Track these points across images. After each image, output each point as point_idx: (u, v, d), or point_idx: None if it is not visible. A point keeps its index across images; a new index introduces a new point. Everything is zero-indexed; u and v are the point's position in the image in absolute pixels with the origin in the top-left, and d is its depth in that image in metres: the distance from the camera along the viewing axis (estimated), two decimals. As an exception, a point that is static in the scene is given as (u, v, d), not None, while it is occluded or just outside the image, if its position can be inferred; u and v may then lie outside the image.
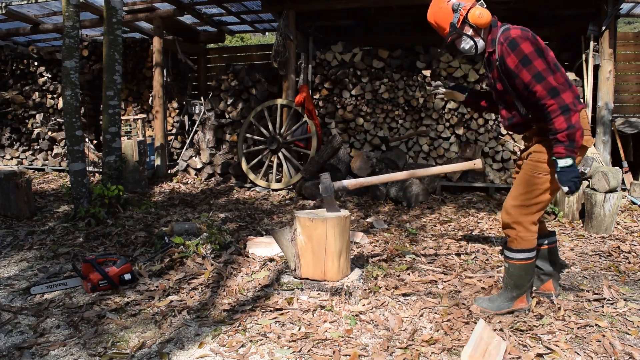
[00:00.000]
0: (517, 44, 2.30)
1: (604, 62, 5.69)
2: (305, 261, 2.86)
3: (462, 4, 2.47)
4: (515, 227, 2.49)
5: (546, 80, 2.25)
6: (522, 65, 2.30)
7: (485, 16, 2.43)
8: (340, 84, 6.64)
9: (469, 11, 2.46)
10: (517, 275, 2.52)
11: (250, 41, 17.94)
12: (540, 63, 2.27)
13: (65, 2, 4.47)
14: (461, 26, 2.50)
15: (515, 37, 2.31)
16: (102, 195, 4.59)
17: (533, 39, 2.31)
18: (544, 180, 2.43)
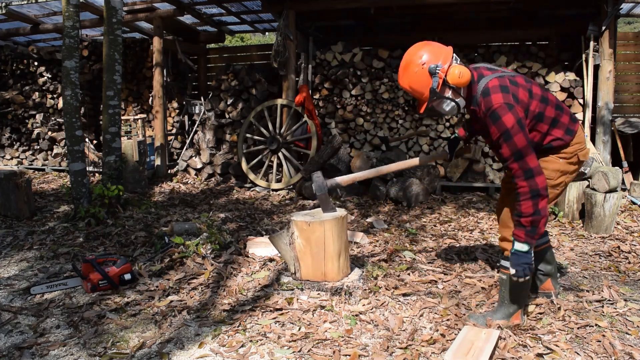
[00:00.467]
0: (498, 116, 2.18)
1: (604, 62, 5.69)
2: (305, 264, 2.86)
3: (439, 65, 2.28)
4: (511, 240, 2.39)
5: (524, 160, 2.16)
6: (503, 140, 2.20)
7: (465, 75, 2.26)
8: (340, 84, 6.64)
9: (447, 72, 2.28)
10: (514, 289, 2.42)
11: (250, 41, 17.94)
12: (520, 138, 2.16)
13: (65, 2, 4.47)
14: (441, 89, 2.32)
15: (497, 107, 2.18)
16: (102, 195, 4.59)
17: (513, 101, 2.18)
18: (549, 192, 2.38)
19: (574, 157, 2.38)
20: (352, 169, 5.95)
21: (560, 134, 2.32)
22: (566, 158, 2.37)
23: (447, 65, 2.29)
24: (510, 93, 2.21)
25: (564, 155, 2.37)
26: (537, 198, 2.16)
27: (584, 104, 5.76)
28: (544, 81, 5.94)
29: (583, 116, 5.77)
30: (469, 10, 6.38)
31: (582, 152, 2.41)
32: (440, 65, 2.28)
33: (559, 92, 5.88)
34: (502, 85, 2.23)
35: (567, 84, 5.83)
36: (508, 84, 2.24)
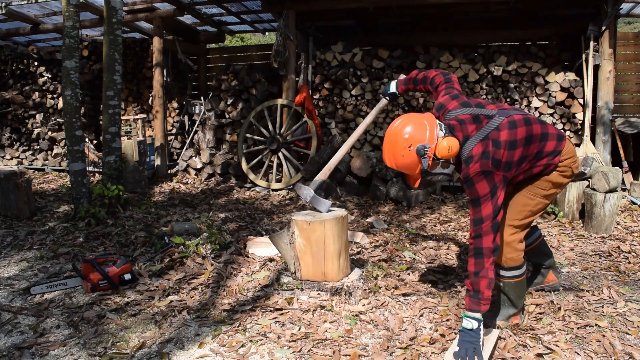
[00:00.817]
0: (473, 183, 2.19)
1: (604, 62, 5.69)
2: (305, 263, 2.86)
3: (427, 145, 2.20)
4: (503, 248, 2.41)
5: (480, 225, 2.18)
6: (472, 205, 2.23)
7: (454, 146, 2.20)
8: (340, 84, 6.64)
9: (436, 149, 2.21)
10: (513, 292, 2.46)
11: (250, 41, 17.94)
12: (487, 207, 2.17)
13: (65, 2, 4.47)
14: (432, 166, 2.27)
15: (473, 175, 2.18)
16: (102, 195, 4.59)
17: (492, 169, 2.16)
18: (538, 202, 2.40)
19: (568, 171, 2.38)
20: (352, 169, 5.96)
21: (546, 161, 2.30)
22: (561, 171, 2.37)
23: (435, 144, 2.22)
24: (489, 159, 2.17)
25: (559, 169, 2.36)
26: (480, 257, 2.17)
27: (584, 104, 5.76)
28: (544, 81, 5.95)
29: (583, 116, 5.77)
30: (469, 10, 6.38)
31: (574, 164, 2.40)
32: (427, 145, 2.20)
33: (559, 92, 5.89)
34: (485, 151, 2.18)
35: (567, 84, 5.83)
36: (490, 149, 2.18)
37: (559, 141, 2.32)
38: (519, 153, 2.23)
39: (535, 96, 6.05)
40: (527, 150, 2.26)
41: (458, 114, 2.33)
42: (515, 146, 2.22)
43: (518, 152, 2.23)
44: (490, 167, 2.16)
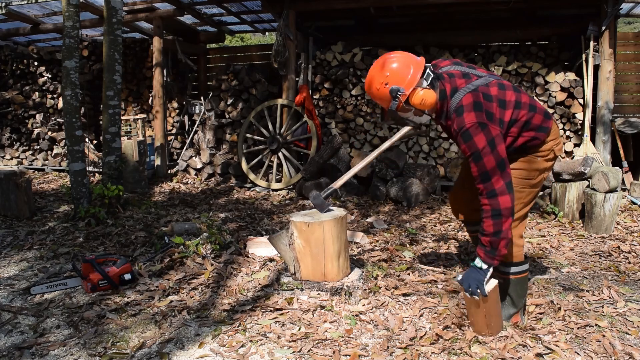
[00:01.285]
0: (470, 136, 2.15)
1: (604, 62, 5.69)
2: (305, 264, 2.85)
3: (402, 89, 2.23)
4: None
5: (490, 181, 2.14)
6: (472, 159, 2.17)
7: (429, 98, 2.24)
8: (340, 84, 6.64)
9: (410, 96, 2.26)
10: (515, 290, 2.45)
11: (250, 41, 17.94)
12: (490, 160, 2.13)
13: (65, 2, 4.47)
14: (402, 109, 2.33)
15: (469, 127, 2.14)
16: (102, 195, 4.59)
17: (485, 118, 2.14)
18: (528, 192, 2.40)
19: (550, 154, 2.38)
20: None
21: (533, 134, 2.30)
22: (544, 156, 2.38)
23: (410, 91, 2.24)
24: (483, 111, 2.16)
25: (541, 154, 2.37)
26: (498, 218, 2.14)
27: (584, 104, 5.76)
28: (544, 81, 5.95)
29: (583, 116, 5.77)
30: (469, 10, 6.38)
31: (557, 147, 2.40)
32: (402, 90, 2.24)
33: (559, 92, 5.89)
34: (476, 102, 2.17)
35: (567, 84, 5.83)
36: (482, 100, 2.18)
37: (546, 118, 2.32)
38: (509, 114, 2.24)
39: (535, 96, 6.05)
40: (517, 114, 2.25)
41: (449, 69, 2.35)
42: (505, 106, 2.23)
43: (509, 113, 2.23)
44: (486, 120, 2.14)
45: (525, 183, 2.39)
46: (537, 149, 2.35)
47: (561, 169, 4.63)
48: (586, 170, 4.45)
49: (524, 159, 2.38)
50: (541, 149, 2.36)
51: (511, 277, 2.44)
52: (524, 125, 2.28)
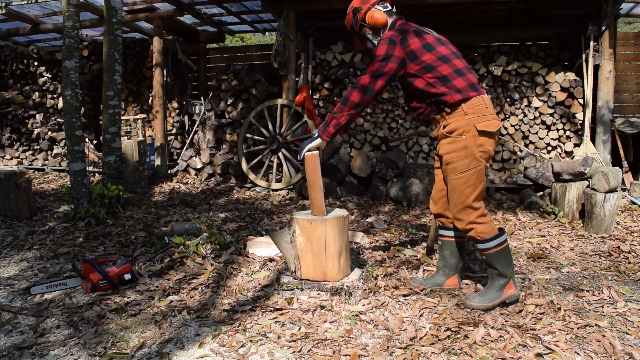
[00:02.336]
0: (378, 44, 2.60)
1: (604, 62, 5.69)
2: (305, 262, 2.86)
3: (360, 7, 2.70)
4: (472, 227, 2.57)
5: (365, 75, 2.58)
6: (371, 59, 2.60)
7: (380, 17, 2.66)
8: (340, 84, 6.64)
9: (365, 14, 2.68)
10: (498, 262, 2.59)
11: (250, 41, 17.94)
12: (374, 65, 2.55)
13: (65, 2, 4.47)
14: (360, 28, 2.74)
15: (383, 38, 2.58)
16: (102, 195, 4.59)
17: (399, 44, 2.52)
18: (468, 176, 2.52)
19: (472, 129, 2.49)
20: (352, 168, 5.96)
21: (446, 89, 2.51)
22: (467, 131, 2.50)
23: (367, 8, 2.68)
24: (401, 35, 2.54)
25: (461, 131, 2.51)
26: (344, 104, 2.62)
27: (584, 104, 5.76)
28: (544, 81, 5.95)
29: (583, 116, 5.77)
30: (469, 10, 6.38)
31: (480, 123, 2.49)
32: (360, 7, 2.71)
33: (559, 92, 5.89)
34: (402, 30, 2.57)
35: (567, 84, 5.83)
36: (406, 29, 2.57)
37: (472, 89, 2.51)
38: (429, 58, 2.52)
39: (535, 96, 6.05)
40: (438, 64, 2.52)
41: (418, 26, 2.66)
42: (429, 50, 2.53)
43: (429, 57, 2.52)
44: (396, 40, 2.53)
45: (459, 168, 2.53)
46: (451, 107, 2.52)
47: (561, 169, 4.63)
48: (586, 170, 4.45)
49: (447, 142, 2.55)
50: (459, 126, 2.51)
51: (492, 252, 2.58)
52: (441, 79, 2.51)
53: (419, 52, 2.53)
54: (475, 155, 2.50)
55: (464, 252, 2.94)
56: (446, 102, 2.52)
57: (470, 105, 2.49)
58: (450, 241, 2.88)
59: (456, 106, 2.51)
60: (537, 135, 6.11)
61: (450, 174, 2.58)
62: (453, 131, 2.53)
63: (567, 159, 5.93)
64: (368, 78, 2.56)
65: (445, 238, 2.90)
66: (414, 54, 2.53)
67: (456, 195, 2.57)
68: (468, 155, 2.50)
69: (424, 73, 2.53)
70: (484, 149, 2.52)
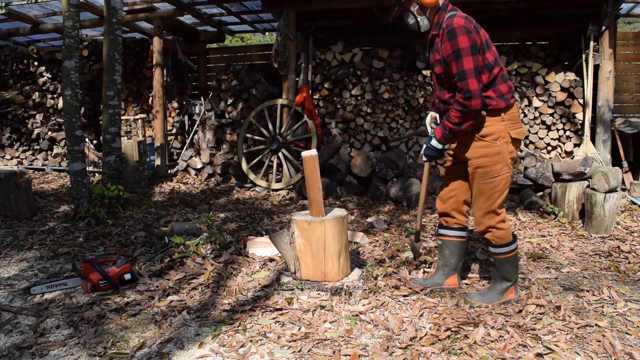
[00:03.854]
0: (455, 35, 2.38)
1: (604, 62, 5.69)
2: (305, 263, 2.86)
3: None
4: (490, 231, 2.61)
5: (467, 81, 2.37)
6: (453, 58, 2.40)
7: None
8: (340, 84, 6.64)
9: None
10: (504, 268, 2.65)
11: (250, 41, 17.94)
12: (469, 61, 2.37)
13: (66, 2, 4.47)
14: (407, 2, 2.56)
15: (457, 27, 2.38)
16: (102, 195, 4.59)
17: (474, 33, 2.39)
18: (498, 181, 2.53)
19: (507, 136, 2.51)
20: (352, 168, 5.95)
21: (494, 95, 2.47)
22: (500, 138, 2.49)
23: None
24: (473, 24, 2.42)
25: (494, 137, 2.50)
26: (465, 114, 2.41)
27: (584, 104, 5.76)
28: (544, 81, 5.95)
29: (583, 116, 5.77)
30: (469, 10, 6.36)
31: (513, 130, 2.53)
32: None
33: (559, 92, 5.89)
34: (468, 18, 2.44)
35: (567, 84, 5.83)
36: (474, 22, 2.45)
37: (512, 96, 2.51)
38: (490, 56, 2.46)
39: (535, 96, 6.05)
40: (493, 64, 2.46)
41: None
42: (489, 47, 2.47)
43: (489, 55, 2.46)
44: (472, 29, 2.39)
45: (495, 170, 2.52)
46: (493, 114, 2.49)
47: (561, 169, 4.63)
48: (586, 170, 4.45)
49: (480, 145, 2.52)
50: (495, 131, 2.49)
51: (502, 257, 2.62)
52: (492, 81, 2.47)
53: (486, 45, 2.46)
54: (507, 161, 2.52)
55: (463, 252, 2.94)
56: (488, 106, 2.47)
57: (508, 112, 2.50)
58: (450, 241, 2.88)
59: (497, 112, 2.49)
60: (537, 135, 6.11)
61: (479, 178, 2.56)
62: (487, 135, 2.50)
63: (567, 159, 5.93)
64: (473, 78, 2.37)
65: (445, 237, 2.90)
66: (483, 46, 2.44)
67: (483, 200, 2.57)
68: (500, 161, 2.50)
69: (484, 72, 2.46)
70: (513, 156, 2.55)
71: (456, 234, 2.86)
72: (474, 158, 2.55)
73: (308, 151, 2.84)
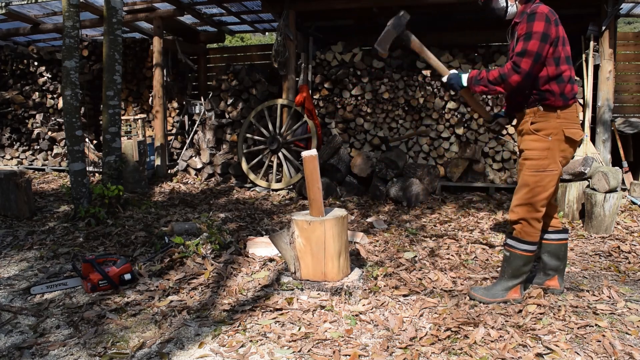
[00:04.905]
0: (534, 18, 2.40)
1: (604, 62, 5.69)
2: (305, 263, 2.86)
3: None
4: (521, 222, 2.60)
5: (522, 58, 2.40)
6: (523, 38, 2.42)
7: None
8: (340, 84, 6.64)
9: None
10: (516, 265, 2.64)
11: (250, 41, 17.93)
12: (535, 45, 2.38)
13: (66, 2, 4.47)
14: None
15: (539, 12, 2.40)
16: (102, 195, 4.59)
17: (553, 24, 2.40)
18: (543, 176, 2.53)
19: (560, 133, 2.50)
20: (352, 168, 5.95)
21: (557, 90, 2.48)
22: (553, 134, 2.50)
23: None
24: (555, 16, 2.43)
25: (547, 132, 2.51)
26: (501, 80, 2.47)
27: (584, 104, 5.76)
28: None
29: (583, 116, 5.77)
30: (469, 10, 6.37)
31: (568, 129, 2.51)
32: None
33: (559, 92, 5.88)
34: (552, 10, 2.45)
35: (567, 84, 5.82)
36: (555, 17, 2.44)
37: (573, 97, 2.51)
38: (562, 51, 2.46)
39: (535, 96, 6.04)
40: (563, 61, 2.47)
41: None
42: (564, 43, 2.48)
43: (562, 50, 2.46)
44: (552, 19, 2.41)
45: (542, 165, 2.52)
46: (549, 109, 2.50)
47: (561, 169, 4.63)
48: (586, 170, 4.45)
49: (532, 139, 2.53)
50: (548, 127, 2.50)
51: (520, 253, 2.61)
52: (557, 76, 2.46)
53: (561, 41, 2.47)
54: (555, 158, 2.52)
55: (564, 254, 2.84)
56: (547, 102, 2.50)
57: (565, 111, 2.50)
58: (549, 244, 2.83)
59: (553, 109, 2.50)
60: (537, 135, 6.10)
61: (525, 169, 2.58)
62: (540, 130, 2.53)
63: (567, 159, 5.93)
64: (530, 59, 2.40)
65: (545, 241, 2.84)
66: (558, 40, 2.45)
67: (525, 191, 2.58)
68: (549, 157, 2.51)
69: (551, 64, 2.46)
70: (564, 155, 2.55)
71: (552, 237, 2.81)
72: (526, 150, 2.59)
73: (308, 151, 2.84)
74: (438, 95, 6.24)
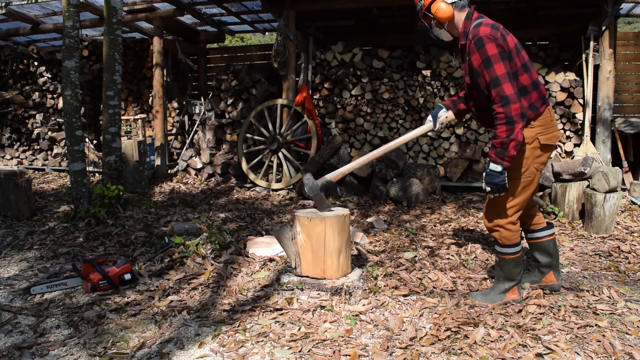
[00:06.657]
0: (482, 44, 2.34)
1: (604, 62, 5.69)
2: (305, 259, 2.86)
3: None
4: (497, 229, 2.63)
5: (501, 86, 2.32)
6: (485, 67, 2.36)
7: (444, 11, 2.49)
8: (340, 84, 6.64)
9: (431, 4, 2.53)
10: (508, 268, 2.67)
11: (250, 41, 17.94)
12: (500, 67, 2.32)
13: (66, 2, 4.47)
14: (424, 16, 2.60)
15: (483, 36, 2.35)
16: (102, 195, 4.59)
17: (501, 40, 2.35)
18: (515, 183, 2.53)
19: (535, 142, 2.48)
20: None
21: (524, 104, 2.42)
22: (527, 143, 2.48)
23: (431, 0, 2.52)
24: (499, 32, 2.37)
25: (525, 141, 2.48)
26: (511, 124, 2.32)
27: (584, 104, 5.76)
28: (544, 81, 5.94)
29: (583, 116, 5.77)
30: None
31: (543, 135, 2.49)
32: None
33: (559, 92, 5.88)
34: (494, 27, 2.39)
35: (567, 84, 5.82)
36: (500, 29, 2.40)
37: (542, 102, 2.46)
38: (518, 63, 2.41)
39: (535, 96, 6.04)
40: (521, 72, 2.41)
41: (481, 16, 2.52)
42: (518, 53, 2.41)
43: (518, 62, 2.41)
44: (499, 38, 2.35)
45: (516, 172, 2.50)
46: None
47: (561, 169, 4.63)
48: (586, 170, 4.45)
49: None
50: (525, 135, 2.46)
51: (507, 257, 2.65)
52: (521, 90, 2.42)
53: (514, 51, 2.40)
54: (529, 166, 2.51)
55: (555, 249, 2.85)
56: None
57: (538, 119, 2.47)
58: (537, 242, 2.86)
59: (527, 121, 2.46)
60: (537, 135, 6.10)
61: None
62: None
63: (567, 158, 5.93)
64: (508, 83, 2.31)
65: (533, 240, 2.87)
66: (511, 52, 2.39)
67: (494, 198, 2.57)
68: (524, 165, 2.50)
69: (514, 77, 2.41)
70: (541, 161, 2.53)
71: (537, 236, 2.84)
72: None
73: None
74: (438, 95, 6.24)
